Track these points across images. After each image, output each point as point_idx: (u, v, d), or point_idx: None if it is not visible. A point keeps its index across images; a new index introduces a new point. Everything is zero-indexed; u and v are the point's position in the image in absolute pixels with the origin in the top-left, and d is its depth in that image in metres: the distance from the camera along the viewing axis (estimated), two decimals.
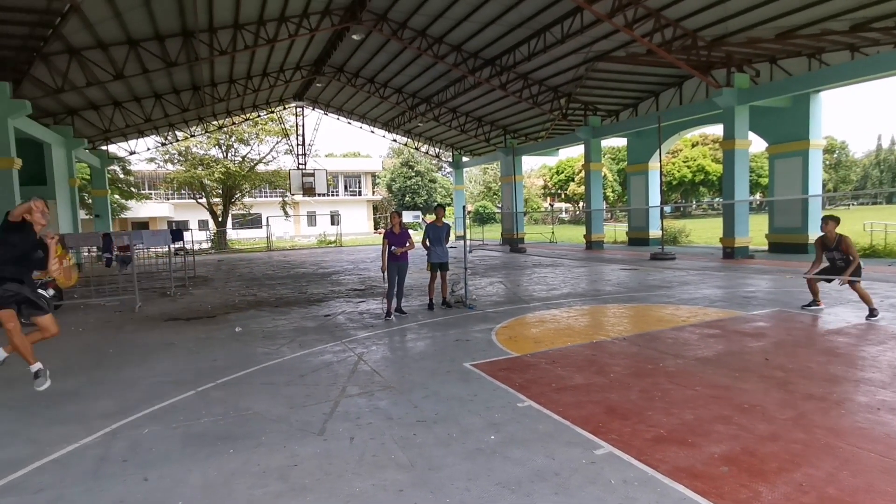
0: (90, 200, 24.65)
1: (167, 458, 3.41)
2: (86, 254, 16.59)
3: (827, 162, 60.84)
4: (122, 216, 36.69)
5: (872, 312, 6.77)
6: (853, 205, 67.35)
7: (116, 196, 30.61)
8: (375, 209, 53.81)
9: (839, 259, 7.04)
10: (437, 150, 32.10)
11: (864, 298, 6.86)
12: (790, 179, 15.65)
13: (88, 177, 24.69)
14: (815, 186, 15.58)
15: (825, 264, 7.27)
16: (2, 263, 4.41)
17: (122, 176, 30.34)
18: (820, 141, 15.67)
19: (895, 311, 7.10)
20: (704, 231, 28.20)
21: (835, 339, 5.86)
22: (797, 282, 10.10)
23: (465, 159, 31.47)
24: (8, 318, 4.45)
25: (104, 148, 22.76)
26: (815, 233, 15.03)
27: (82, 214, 22.05)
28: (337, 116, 29.10)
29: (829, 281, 7.44)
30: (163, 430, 3.88)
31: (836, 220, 6.99)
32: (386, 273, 7.84)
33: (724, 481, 2.87)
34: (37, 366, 4.69)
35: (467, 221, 23.44)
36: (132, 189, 32.30)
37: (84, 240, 13.14)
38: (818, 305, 7.44)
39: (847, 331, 6.22)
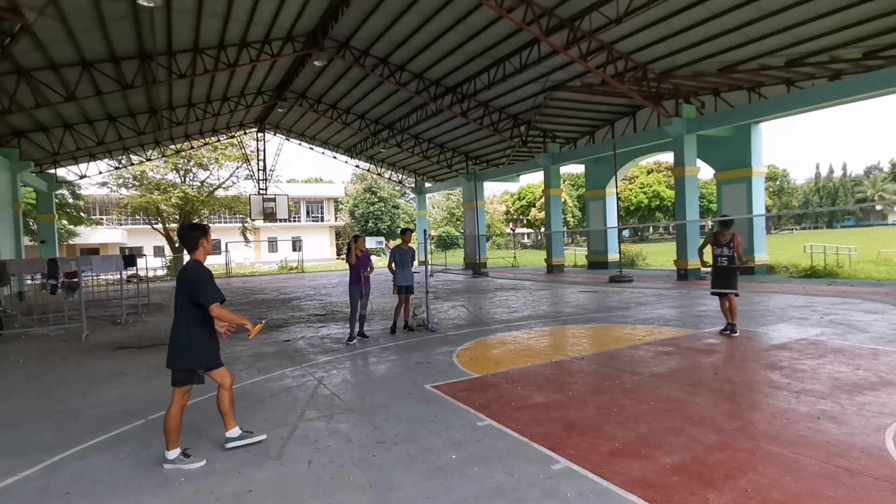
0: (35, 226, 23.51)
1: (113, 490, 3.26)
2: (29, 281, 15.78)
3: (770, 189, 64.26)
4: (71, 242, 35.15)
5: (732, 328, 7.14)
6: (796, 229, 71.16)
7: (64, 221, 29.31)
8: (338, 235, 53.34)
9: (726, 255, 7.27)
10: (400, 175, 32.28)
11: (731, 312, 7.20)
12: (736, 204, 16.44)
13: (34, 201, 23.59)
14: (759, 211, 16.43)
15: (712, 260, 7.43)
16: None
17: (70, 200, 29.15)
18: (762, 168, 16.60)
19: (834, 327, 7.50)
20: (660, 255, 29.15)
21: (779, 354, 6.14)
22: (743, 300, 10.56)
23: (427, 185, 31.74)
24: None
25: (52, 171, 21.87)
26: (759, 255, 15.89)
27: (26, 241, 21.00)
28: (299, 142, 28.96)
29: (722, 295, 7.35)
30: (109, 460, 3.72)
31: (731, 224, 7.36)
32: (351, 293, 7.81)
33: (675, 490, 2.97)
34: None
35: (430, 246, 23.50)
36: (81, 214, 31.06)
37: (28, 266, 12.47)
38: (734, 330, 7.20)
39: (790, 345, 6.53)
